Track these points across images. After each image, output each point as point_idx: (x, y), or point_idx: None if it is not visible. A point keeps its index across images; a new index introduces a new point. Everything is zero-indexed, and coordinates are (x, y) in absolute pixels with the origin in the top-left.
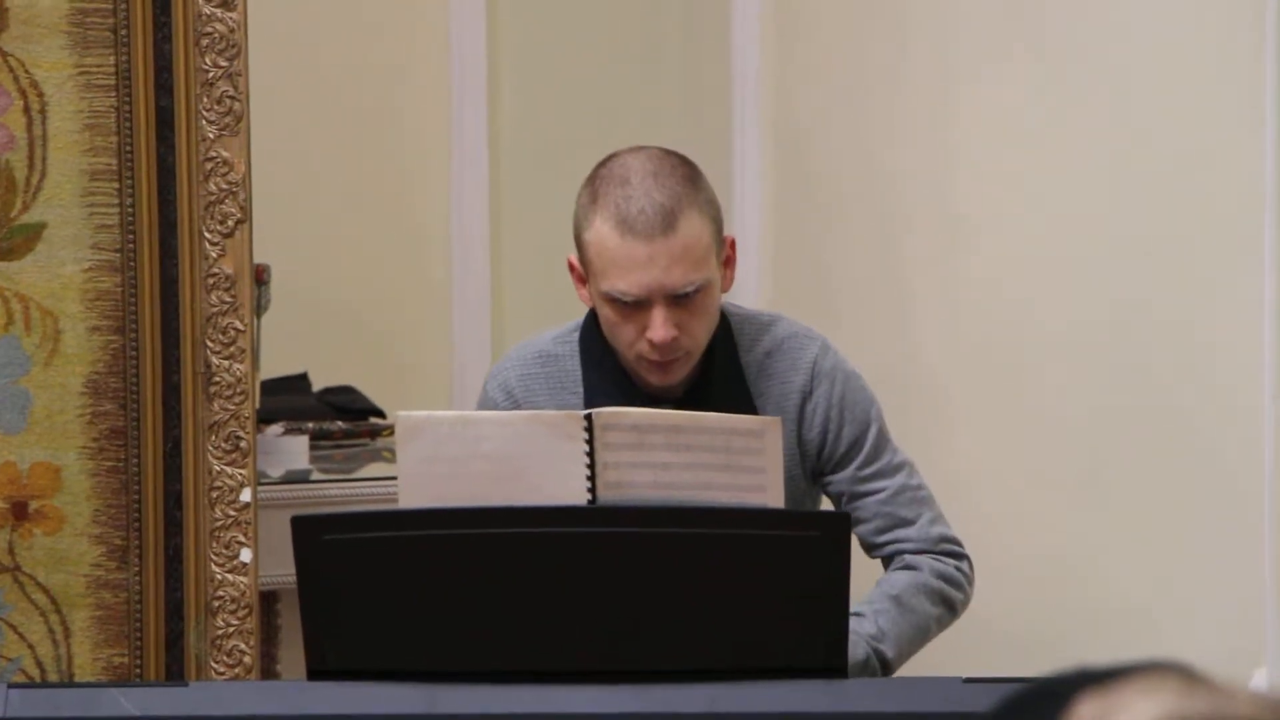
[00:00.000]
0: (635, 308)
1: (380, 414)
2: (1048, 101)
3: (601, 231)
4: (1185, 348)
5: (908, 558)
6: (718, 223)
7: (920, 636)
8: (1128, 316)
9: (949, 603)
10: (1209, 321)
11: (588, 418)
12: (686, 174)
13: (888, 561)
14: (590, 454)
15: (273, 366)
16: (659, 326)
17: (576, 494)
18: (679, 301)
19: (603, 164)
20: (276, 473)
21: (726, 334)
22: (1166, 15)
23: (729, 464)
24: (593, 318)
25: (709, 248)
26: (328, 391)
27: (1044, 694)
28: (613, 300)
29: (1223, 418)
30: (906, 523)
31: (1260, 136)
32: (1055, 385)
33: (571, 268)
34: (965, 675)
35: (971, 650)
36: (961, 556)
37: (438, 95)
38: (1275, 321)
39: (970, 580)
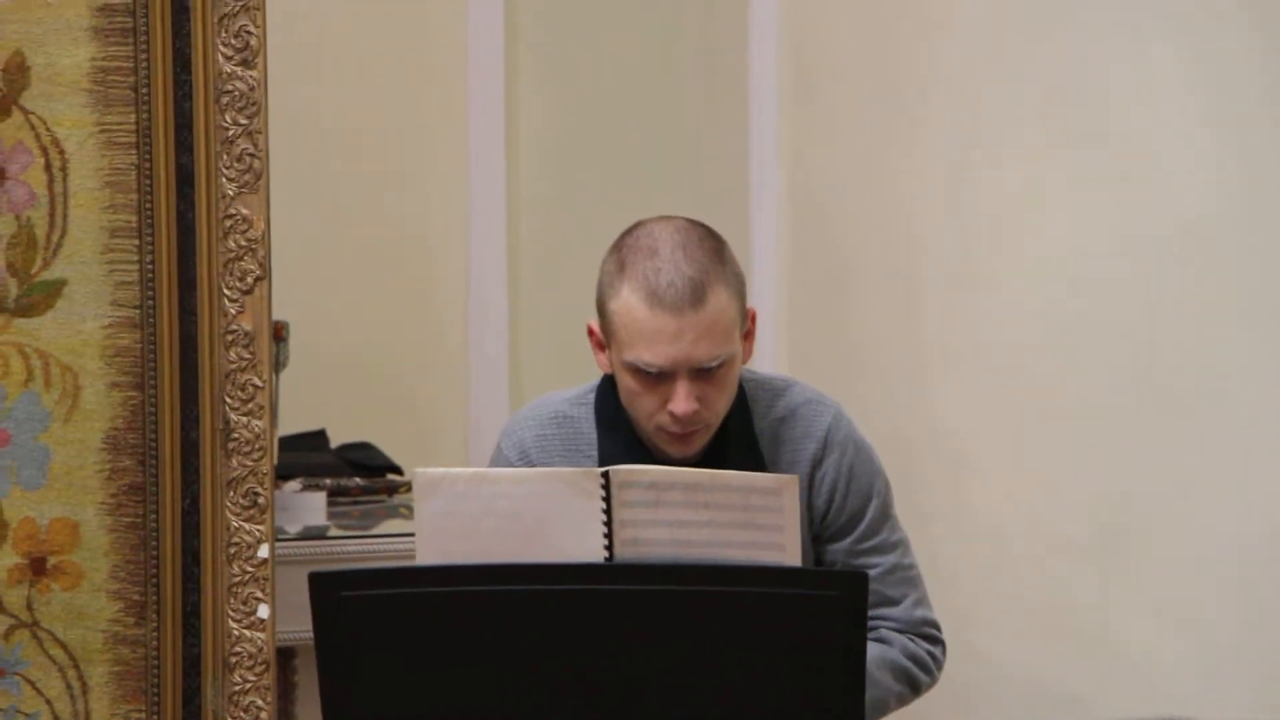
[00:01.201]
0: (658, 379)
1: (398, 470)
2: (1067, 164)
3: (629, 302)
4: (1205, 411)
5: (884, 632)
6: (742, 296)
7: (877, 709)
8: (1147, 379)
9: (913, 682)
10: (1229, 385)
11: (605, 475)
12: (713, 247)
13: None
14: (607, 511)
15: (291, 423)
16: (682, 400)
17: (594, 551)
18: (702, 375)
19: (629, 233)
20: (294, 529)
21: (741, 400)
22: (1187, 79)
23: (747, 522)
24: (609, 383)
25: (734, 321)
26: (345, 448)
27: None
28: (636, 371)
29: (1240, 484)
30: (892, 602)
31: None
32: (1073, 444)
33: (591, 333)
34: None
35: (987, 705)
36: (936, 641)
37: (455, 154)
38: None
39: (939, 664)
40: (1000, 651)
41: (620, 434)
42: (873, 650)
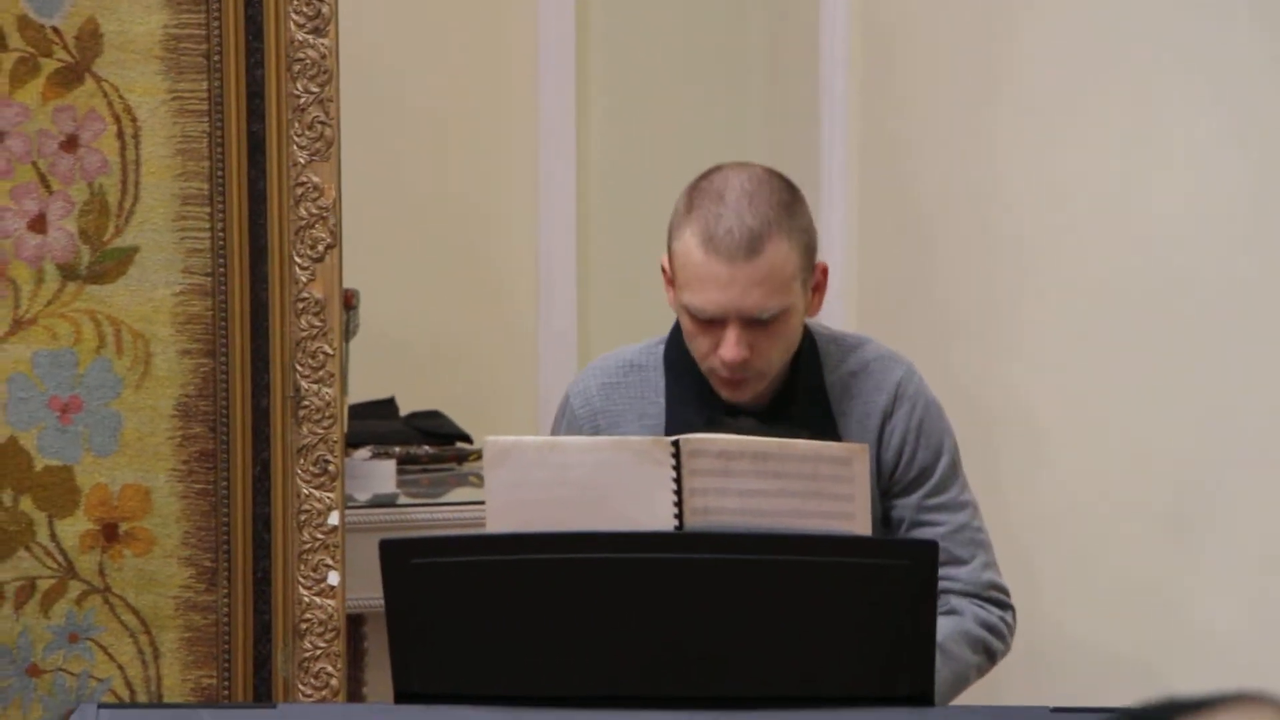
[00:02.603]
0: (709, 324)
1: (467, 439)
2: (1151, 129)
3: (689, 244)
4: (1275, 379)
5: (952, 600)
6: (809, 250)
7: (959, 684)
8: (1219, 348)
9: (989, 651)
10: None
11: (675, 444)
12: (783, 199)
13: None
14: (677, 480)
15: (360, 391)
16: (730, 346)
17: (663, 520)
18: (754, 324)
19: (705, 175)
20: (363, 496)
21: (813, 352)
22: (1264, 47)
23: (816, 491)
24: (678, 328)
25: (794, 274)
26: (414, 416)
27: None
28: (690, 312)
29: None
30: (960, 562)
31: None
32: (1146, 415)
33: (663, 270)
34: (1054, 705)
35: (1061, 676)
36: (1006, 606)
37: (526, 121)
38: None
39: (1012, 630)
40: (1072, 622)
41: (688, 378)
42: (947, 624)
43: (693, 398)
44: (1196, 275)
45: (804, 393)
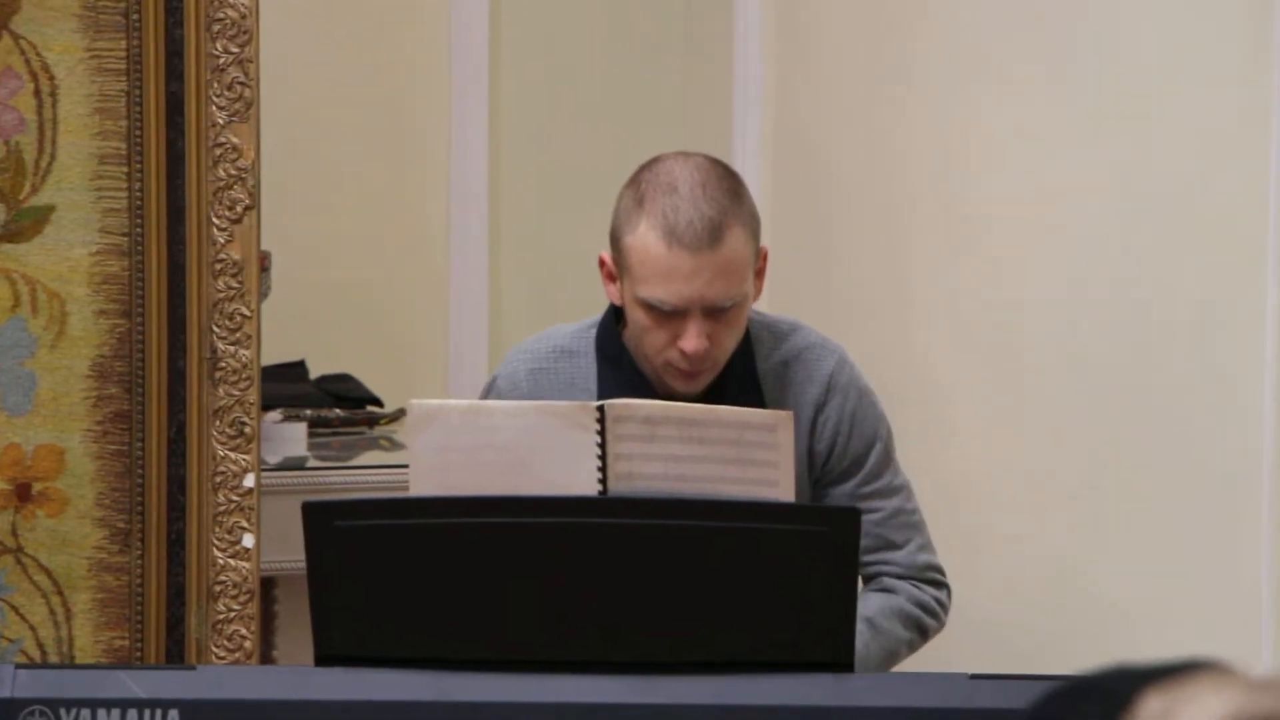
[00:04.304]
0: (670, 316)
1: (378, 402)
2: (1056, 103)
3: (647, 238)
4: (1187, 352)
5: (887, 580)
6: (757, 235)
7: (890, 659)
8: (1130, 320)
9: (921, 629)
10: (1211, 326)
11: (600, 409)
12: (732, 186)
13: (869, 580)
14: (602, 445)
15: (270, 354)
16: (693, 337)
17: (587, 485)
18: (714, 314)
19: (648, 167)
20: (274, 459)
21: (745, 341)
22: (1175, 24)
23: (740, 457)
24: (612, 316)
25: (748, 261)
26: (325, 379)
27: (1093, 691)
28: (649, 307)
29: (1222, 421)
30: (895, 546)
31: (1266, 143)
32: (1056, 387)
33: (602, 264)
34: (971, 671)
35: (967, 648)
36: (941, 585)
37: (439, 87)
38: (1277, 325)
39: (946, 609)
40: (976, 599)
41: (621, 368)
42: (880, 600)
43: (627, 388)
44: (1101, 247)
45: (737, 382)
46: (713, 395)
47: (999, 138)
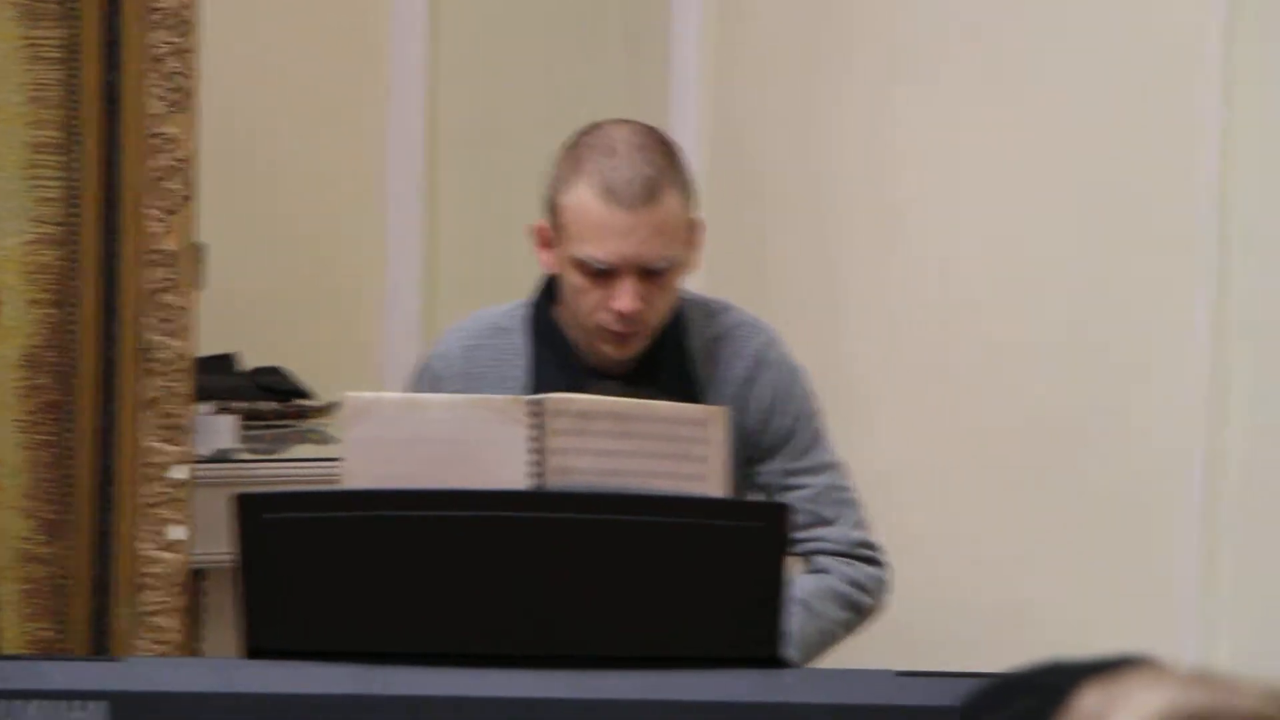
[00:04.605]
0: (604, 276)
1: (309, 396)
2: (989, 104)
3: (583, 196)
4: (1117, 356)
5: (821, 559)
6: (692, 203)
7: (825, 640)
8: (1060, 324)
9: (857, 607)
10: (1141, 328)
11: (535, 403)
12: (668, 151)
13: (805, 559)
14: (536, 439)
15: (203, 345)
16: (626, 297)
17: (521, 479)
18: (648, 276)
19: (585, 132)
20: (205, 451)
21: (676, 316)
22: (1111, 23)
23: (673, 453)
24: (544, 293)
25: (682, 225)
26: (257, 372)
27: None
28: (583, 266)
29: (1151, 427)
30: (827, 522)
31: (1200, 147)
32: (983, 391)
33: (539, 230)
34: (897, 669)
35: (888, 648)
36: (878, 563)
37: (377, 82)
38: (1208, 332)
39: (884, 586)
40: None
41: (552, 342)
42: (813, 582)
43: (558, 361)
44: (1031, 245)
45: (668, 357)
46: (643, 370)
47: (930, 135)
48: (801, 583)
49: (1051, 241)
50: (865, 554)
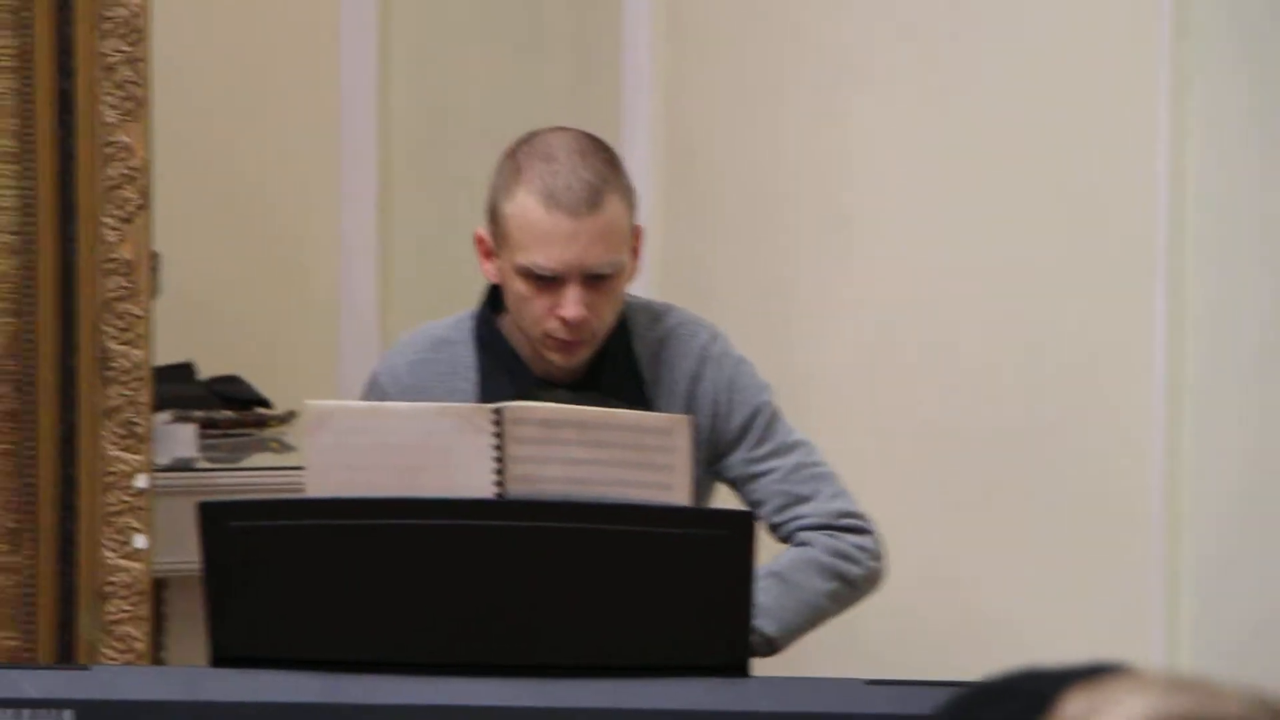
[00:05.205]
0: (549, 283)
1: (267, 404)
2: (937, 108)
3: (525, 204)
4: (1072, 359)
5: (803, 534)
6: (634, 209)
7: (810, 612)
8: (1012, 327)
9: (843, 577)
10: (1097, 333)
11: (497, 411)
12: (608, 158)
13: (789, 541)
14: (499, 448)
15: (159, 355)
16: (571, 304)
17: (484, 488)
18: (592, 282)
19: (524, 140)
20: (164, 460)
21: (621, 321)
22: (1058, 27)
23: (638, 461)
24: (488, 303)
25: (626, 231)
26: (215, 381)
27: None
28: (528, 274)
29: (1109, 435)
30: (803, 499)
31: (1152, 153)
32: (937, 399)
33: (479, 241)
34: (867, 677)
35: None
36: (863, 531)
37: (328, 86)
38: (1164, 338)
39: (872, 553)
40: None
41: (498, 352)
42: (790, 555)
43: (505, 371)
44: (983, 252)
45: (615, 362)
46: (590, 375)
47: (876, 139)
48: (779, 557)
49: (1006, 245)
50: (849, 523)
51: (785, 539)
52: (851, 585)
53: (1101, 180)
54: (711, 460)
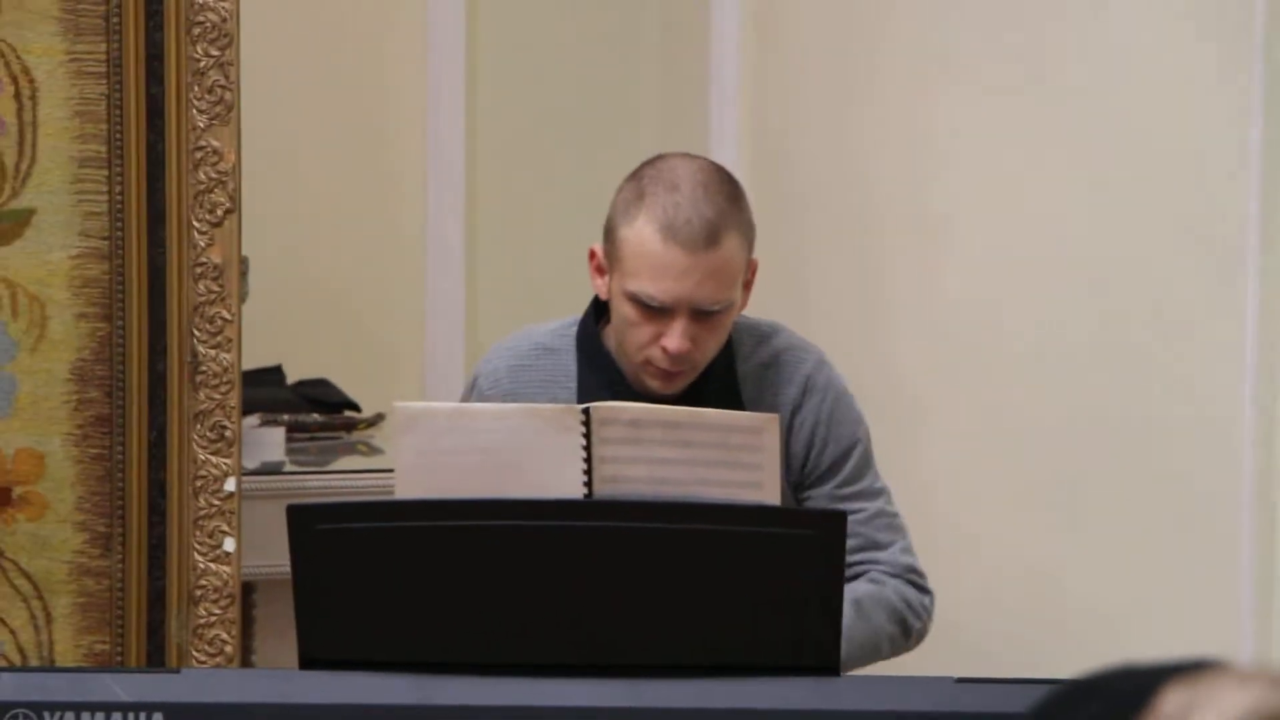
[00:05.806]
0: (657, 312)
1: (355, 407)
2: (1027, 107)
3: (644, 232)
4: (1164, 358)
5: (875, 573)
6: (751, 245)
7: (870, 648)
8: (1106, 326)
9: (905, 626)
10: (1189, 332)
11: (585, 411)
12: (732, 192)
13: (854, 580)
14: (587, 448)
15: (247, 359)
16: (677, 337)
17: (573, 488)
18: (700, 316)
19: (650, 163)
20: (252, 464)
21: (726, 343)
22: (1150, 23)
23: (726, 460)
24: (592, 314)
25: (741, 268)
26: (302, 384)
27: (1101, 691)
28: (637, 300)
29: (1201, 430)
30: (880, 546)
31: (1244, 149)
32: (1031, 395)
33: (592, 256)
34: (957, 676)
35: (943, 656)
36: (925, 590)
37: (416, 90)
38: (1256, 333)
39: (929, 614)
40: (956, 603)
41: (600, 367)
42: (867, 588)
43: (605, 385)
44: (1076, 249)
45: (717, 384)
46: (691, 397)
47: (969, 138)
48: (855, 586)
49: (1098, 242)
50: (916, 580)
51: (852, 578)
52: (906, 636)
53: (1194, 175)
54: (799, 487)
